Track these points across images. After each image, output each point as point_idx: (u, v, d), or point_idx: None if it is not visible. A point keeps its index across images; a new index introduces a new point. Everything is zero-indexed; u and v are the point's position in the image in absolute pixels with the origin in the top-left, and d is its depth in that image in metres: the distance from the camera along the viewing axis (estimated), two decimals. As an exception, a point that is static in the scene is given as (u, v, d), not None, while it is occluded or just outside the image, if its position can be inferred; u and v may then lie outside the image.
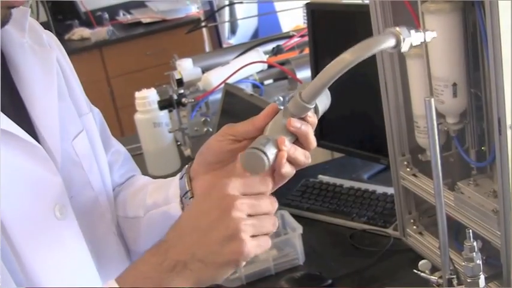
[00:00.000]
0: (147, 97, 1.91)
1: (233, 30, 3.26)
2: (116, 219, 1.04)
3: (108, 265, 0.96)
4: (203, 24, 3.19)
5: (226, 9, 3.08)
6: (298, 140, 0.81)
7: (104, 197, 1.01)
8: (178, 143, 2.04)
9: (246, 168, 0.77)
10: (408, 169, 1.29)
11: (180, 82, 1.92)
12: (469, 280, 0.92)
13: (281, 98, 1.86)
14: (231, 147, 0.86)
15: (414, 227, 1.34)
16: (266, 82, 1.98)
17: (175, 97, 1.88)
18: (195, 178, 0.92)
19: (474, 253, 0.91)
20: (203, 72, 1.96)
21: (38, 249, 0.83)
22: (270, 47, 2.10)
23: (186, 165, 0.95)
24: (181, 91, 1.89)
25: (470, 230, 0.91)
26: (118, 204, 1.06)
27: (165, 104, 1.89)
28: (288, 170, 0.80)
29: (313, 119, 0.82)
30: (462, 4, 1.04)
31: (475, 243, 0.91)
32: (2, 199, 0.79)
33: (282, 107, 0.82)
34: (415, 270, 1.06)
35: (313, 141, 0.82)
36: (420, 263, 1.06)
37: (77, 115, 0.98)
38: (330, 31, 1.71)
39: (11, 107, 0.85)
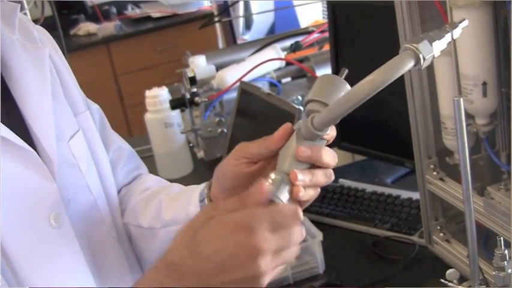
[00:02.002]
0: (158, 96, 1.92)
1: (248, 26, 3.27)
2: (118, 223, 1.05)
3: (107, 271, 0.97)
4: (216, 19, 3.20)
5: (241, 3, 3.08)
6: None
7: (103, 200, 1.01)
8: (191, 145, 2.05)
9: None
10: (435, 173, 1.29)
11: (193, 80, 1.92)
12: (499, 290, 0.93)
13: (299, 97, 1.86)
14: (247, 170, 0.86)
15: (441, 234, 1.34)
16: (284, 80, 1.99)
17: (187, 96, 1.88)
18: (216, 202, 0.92)
19: (505, 262, 0.91)
20: (217, 69, 1.97)
21: (32, 258, 0.84)
22: (287, 43, 2.10)
23: (204, 186, 0.96)
24: (194, 90, 1.89)
25: (502, 238, 0.91)
26: (128, 212, 1.07)
27: (177, 103, 1.90)
28: (311, 194, 0.82)
29: (330, 134, 0.81)
30: (493, -1, 1.04)
31: (506, 252, 0.91)
32: None
33: (302, 114, 0.83)
34: (442, 280, 1.06)
35: (330, 160, 0.82)
36: (447, 272, 1.07)
37: (72, 114, 0.99)
38: (351, 27, 1.72)
39: (2, 108, 0.85)
